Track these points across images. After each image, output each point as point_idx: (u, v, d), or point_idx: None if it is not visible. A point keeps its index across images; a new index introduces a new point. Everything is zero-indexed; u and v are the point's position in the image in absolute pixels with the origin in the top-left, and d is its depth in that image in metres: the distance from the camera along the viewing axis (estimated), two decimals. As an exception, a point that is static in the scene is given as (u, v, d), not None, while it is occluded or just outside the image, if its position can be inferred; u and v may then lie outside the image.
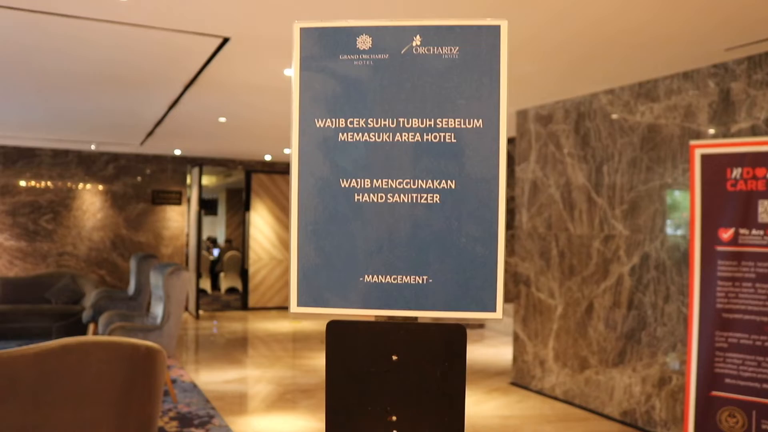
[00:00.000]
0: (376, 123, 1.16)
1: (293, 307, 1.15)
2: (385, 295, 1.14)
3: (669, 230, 4.89)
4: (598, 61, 4.61)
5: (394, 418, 1.15)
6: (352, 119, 1.16)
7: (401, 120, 1.15)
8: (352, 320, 1.15)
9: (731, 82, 4.45)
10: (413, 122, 1.16)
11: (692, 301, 4.07)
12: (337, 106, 1.17)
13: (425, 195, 1.14)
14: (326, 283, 1.15)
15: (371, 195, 1.15)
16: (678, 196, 4.84)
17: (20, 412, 3.83)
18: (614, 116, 5.32)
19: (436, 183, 1.14)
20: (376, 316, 1.16)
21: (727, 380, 3.97)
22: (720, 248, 3.99)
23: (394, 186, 1.15)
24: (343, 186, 1.16)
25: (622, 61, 4.58)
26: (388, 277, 1.14)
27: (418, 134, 1.15)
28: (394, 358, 1.15)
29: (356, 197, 1.16)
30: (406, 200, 1.15)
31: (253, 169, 11.66)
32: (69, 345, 4.07)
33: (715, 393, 3.99)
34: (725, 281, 3.97)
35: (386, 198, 1.15)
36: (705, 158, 4.05)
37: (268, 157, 11.41)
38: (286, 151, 10.28)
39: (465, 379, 1.14)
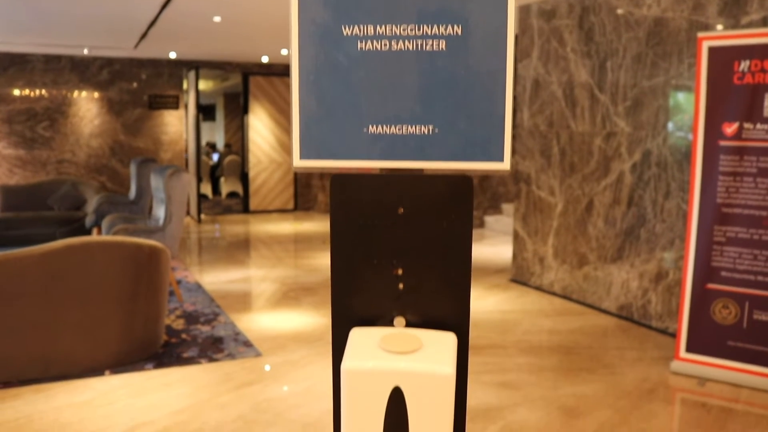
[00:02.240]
0: (379, -35, 1.11)
1: (296, 161, 1.13)
2: (390, 146, 1.12)
3: (672, 127, 4.84)
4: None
5: (400, 271, 1.16)
6: (353, -39, 1.11)
7: (405, -38, 1.10)
8: (357, 173, 1.14)
9: (743, -31, 4.29)
10: (418, -36, 1.10)
11: (692, 195, 4.08)
12: (338, -53, 1.11)
13: (431, 41, 1.10)
14: (329, 134, 1.13)
15: (374, 42, 1.11)
16: (683, 92, 4.76)
17: (32, 309, 3.92)
18: (619, 11, 5.16)
19: (441, 29, 1.09)
20: (380, 168, 1.14)
21: (723, 273, 4.03)
22: (723, 143, 3.97)
23: (398, 33, 1.10)
24: (345, 34, 1.11)
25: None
26: (393, 127, 1.12)
27: (422, -23, 1.10)
28: (400, 210, 1.14)
29: (359, 45, 1.12)
30: (410, 47, 1.10)
31: (250, 71, 11.45)
32: (74, 245, 4.13)
33: (710, 286, 4.06)
34: (726, 176, 3.97)
35: (390, 45, 1.11)
36: (712, 51, 3.95)
37: (265, 59, 11.18)
38: (284, 51, 10.06)
39: (471, 230, 1.14)
